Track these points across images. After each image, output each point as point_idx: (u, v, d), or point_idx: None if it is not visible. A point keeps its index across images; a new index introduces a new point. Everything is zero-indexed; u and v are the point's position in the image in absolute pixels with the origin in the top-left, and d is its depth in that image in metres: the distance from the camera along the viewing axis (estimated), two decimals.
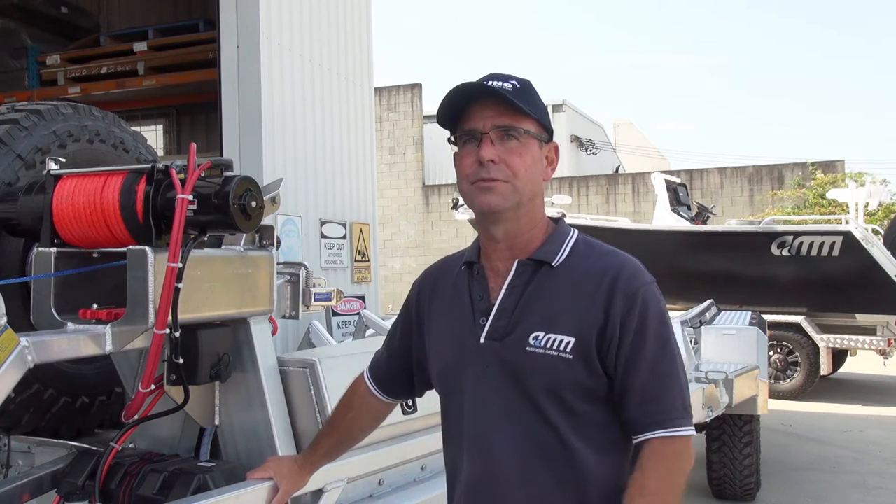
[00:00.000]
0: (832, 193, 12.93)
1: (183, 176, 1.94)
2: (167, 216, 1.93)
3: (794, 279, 9.47)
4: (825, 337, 9.61)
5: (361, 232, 4.71)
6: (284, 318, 2.47)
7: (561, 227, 1.68)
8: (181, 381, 2.06)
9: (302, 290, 2.46)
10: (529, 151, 1.60)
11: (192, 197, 1.91)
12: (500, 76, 1.61)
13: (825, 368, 9.71)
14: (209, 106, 4.77)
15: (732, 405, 5.04)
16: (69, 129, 2.41)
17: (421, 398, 2.07)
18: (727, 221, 11.97)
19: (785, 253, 9.47)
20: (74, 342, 1.90)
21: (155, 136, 6.73)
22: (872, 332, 9.54)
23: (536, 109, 1.60)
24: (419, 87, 20.59)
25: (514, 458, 1.58)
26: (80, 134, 2.43)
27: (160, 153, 5.81)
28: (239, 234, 2.19)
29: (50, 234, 2.05)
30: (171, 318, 1.92)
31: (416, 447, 2.63)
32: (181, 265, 1.90)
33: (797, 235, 9.47)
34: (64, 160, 2.14)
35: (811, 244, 9.32)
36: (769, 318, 7.82)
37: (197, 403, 2.21)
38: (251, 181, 2.04)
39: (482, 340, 1.62)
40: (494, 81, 1.58)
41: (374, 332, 3.79)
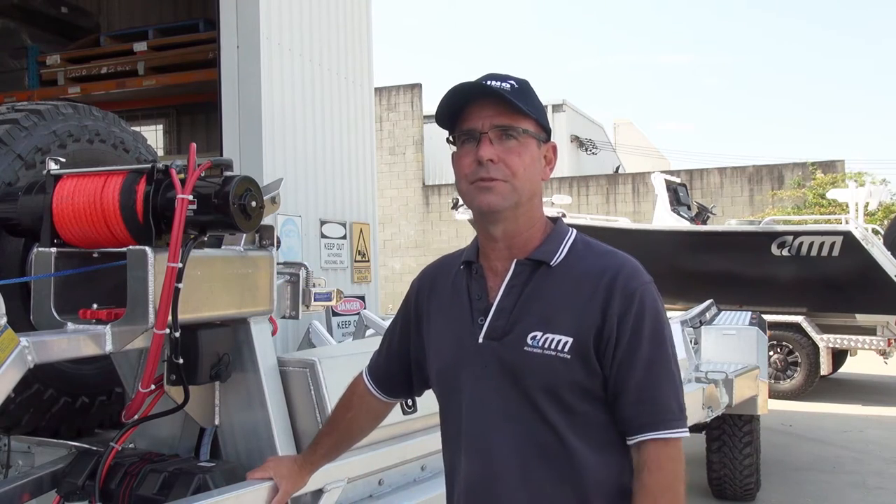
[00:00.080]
0: (832, 193, 12.93)
1: (183, 176, 1.94)
2: (167, 216, 1.93)
3: (794, 279, 9.48)
4: (825, 337, 9.61)
5: (361, 232, 4.71)
6: (284, 318, 2.47)
7: (559, 226, 1.68)
8: (181, 381, 2.06)
9: (302, 290, 2.46)
10: (528, 151, 1.60)
11: (192, 197, 1.91)
12: (498, 76, 1.60)
13: (825, 368, 9.71)
14: (209, 106, 4.77)
15: (732, 405, 5.03)
16: (69, 129, 2.41)
17: (421, 398, 2.07)
18: (727, 221, 11.96)
19: (785, 253, 9.47)
20: (74, 342, 1.90)
21: (155, 136, 6.73)
22: (872, 332, 9.54)
23: (535, 109, 1.60)
24: (419, 87, 20.60)
25: (513, 457, 1.58)
26: (80, 134, 2.43)
27: (160, 153, 5.80)
28: (239, 234, 2.18)
29: (50, 234, 2.05)
30: (171, 318, 1.91)
31: (416, 447, 2.63)
32: (181, 265, 1.90)
33: (797, 235, 9.47)
34: (64, 160, 2.14)
35: (811, 244, 9.32)
36: (769, 318, 7.82)
37: (197, 403, 2.21)
38: (251, 181, 2.04)
39: (480, 340, 1.62)
40: (493, 81, 1.58)
41: (374, 332, 3.78)
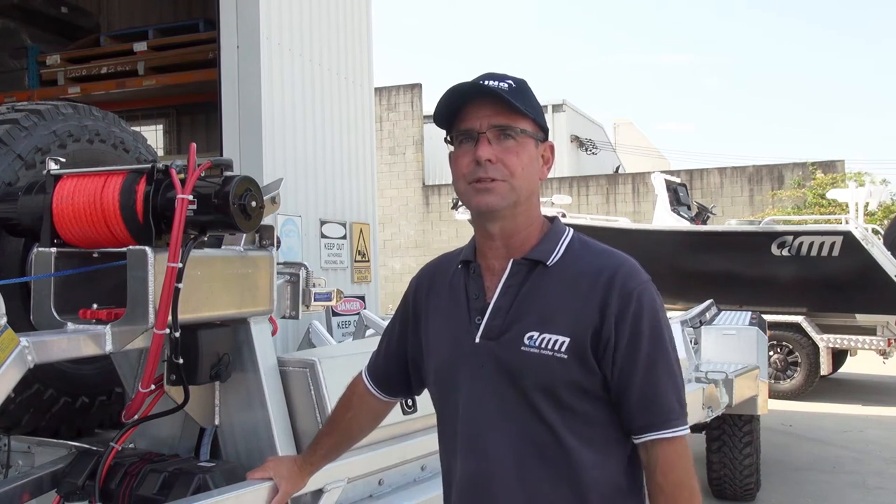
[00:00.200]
0: (832, 193, 12.92)
1: (183, 176, 1.94)
2: (167, 216, 1.93)
3: (794, 279, 9.48)
4: (825, 337, 9.61)
5: (361, 232, 4.71)
6: (284, 318, 2.47)
7: (556, 226, 1.68)
8: (181, 381, 2.06)
9: (302, 290, 2.46)
10: (526, 151, 1.59)
11: (192, 197, 1.91)
12: (495, 76, 1.60)
13: (825, 368, 9.71)
14: (209, 106, 4.77)
15: (732, 405, 5.03)
16: (69, 129, 2.41)
17: (421, 398, 2.06)
18: (727, 221, 11.96)
19: (785, 253, 9.47)
20: (74, 342, 1.90)
21: (155, 136, 6.74)
22: (872, 332, 9.54)
23: (532, 109, 1.60)
24: (419, 87, 20.59)
25: (510, 457, 1.58)
26: (80, 134, 2.43)
27: (160, 153, 5.81)
28: (239, 234, 2.18)
29: (50, 234, 2.05)
30: (171, 318, 1.91)
31: (416, 447, 2.63)
32: (181, 265, 1.90)
33: (797, 235, 9.47)
34: (64, 160, 2.14)
35: (811, 244, 9.32)
36: (769, 318, 7.82)
37: (197, 403, 2.21)
38: (251, 181, 2.04)
39: (477, 340, 1.62)
40: (490, 81, 1.58)
41: (374, 332, 3.78)
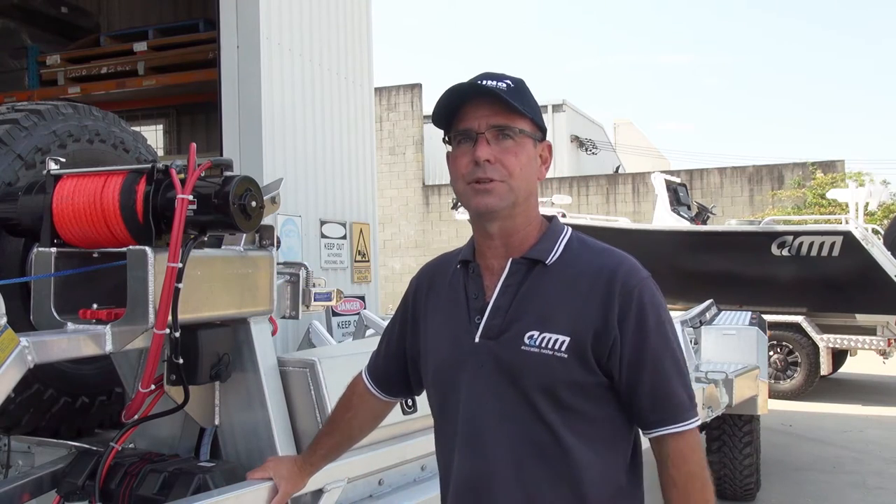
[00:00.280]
0: (832, 193, 12.91)
1: (183, 176, 1.94)
2: (167, 216, 1.93)
3: (794, 279, 9.47)
4: (825, 337, 9.61)
5: (361, 232, 4.71)
6: (284, 318, 2.47)
7: (554, 225, 1.68)
8: (181, 381, 2.06)
9: (302, 290, 2.46)
10: (525, 151, 1.59)
11: (192, 197, 1.91)
12: (493, 75, 1.60)
13: (825, 368, 9.71)
14: (209, 106, 4.77)
15: (732, 405, 5.03)
16: (69, 129, 2.41)
17: (420, 397, 2.06)
18: (727, 221, 11.96)
19: (785, 253, 9.47)
20: (74, 342, 1.90)
21: (155, 136, 6.74)
22: (872, 332, 9.54)
23: (530, 109, 1.60)
24: (419, 87, 20.59)
25: (509, 456, 1.58)
26: (80, 134, 2.43)
27: (160, 153, 5.81)
28: (239, 234, 2.18)
29: (50, 234, 2.05)
30: (171, 318, 1.91)
31: (416, 447, 2.63)
32: (181, 265, 1.90)
33: (797, 235, 9.47)
34: (64, 160, 2.14)
35: (811, 244, 9.32)
36: (769, 318, 7.82)
37: (197, 403, 2.21)
38: (251, 181, 2.04)
39: (477, 339, 1.62)
40: (488, 81, 1.58)
41: (374, 332, 3.78)
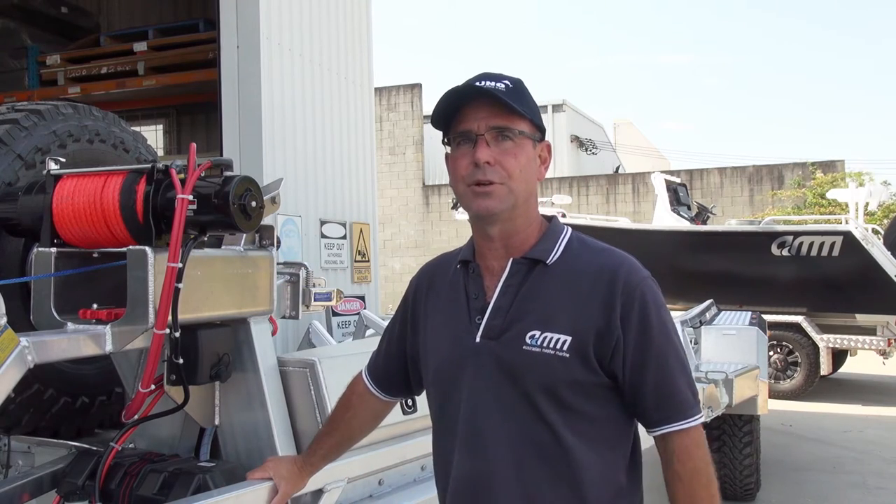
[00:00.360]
0: (832, 193, 12.91)
1: (183, 176, 1.94)
2: (167, 216, 1.93)
3: (794, 279, 9.47)
4: (825, 337, 9.61)
5: (361, 232, 4.71)
6: (284, 318, 2.47)
7: (554, 225, 1.68)
8: (181, 381, 2.06)
9: (302, 290, 2.46)
10: (524, 152, 1.59)
11: (192, 197, 1.91)
12: (492, 76, 1.60)
13: (825, 368, 9.71)
14: (209, 106, 4.77)
15: (732, 405, 5.03)
16: (69, 129, 2.41)
17: (420, 398, 2.06)
18: (727, 221, 11.95)
19: (785, 253, 9.47)
20: (74, 342, 1.90)
21: (155, 136, 6.73)
22: (872, 332, 9.54)
23: (529, 109, 1.59)
24: (419, 87, 20.59)
25: (509, 456, 1.58)
26: (80, 134, 2.43)
27: (160, 153, 5.81)
28: (239, 234, 2.19)
29: (50, 234, 2.05)
30: (171, 318, 1.91)
31: (416, 447, 2.63)
32: (181, 265, 1.90)
33: (797, 235, 9.47)
34: (64, 160, 2.14)
35: (811, 244, 9.32)
36: (769, 318, 7.81)
37: (197, 403, 2.21)
38: (251, 181, 2.04)
39: (478, 339, 1.62)
40: (487, 81, 1.57)
41: (374, 332, 3.78)
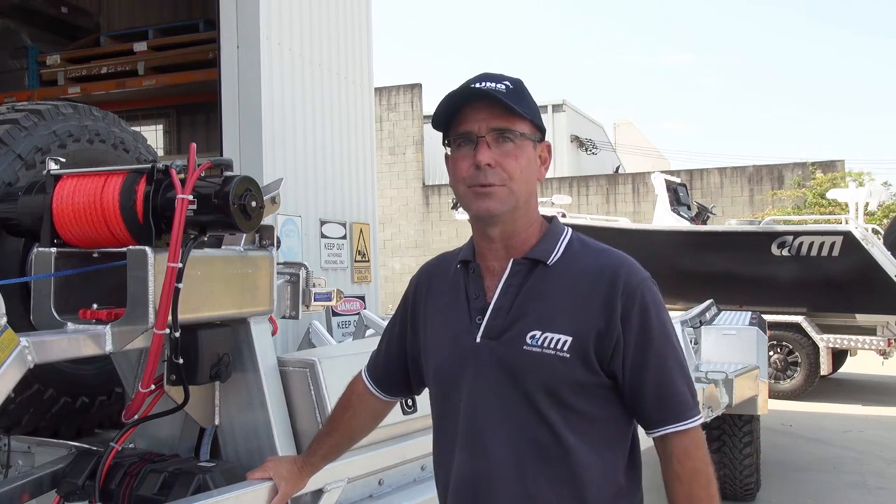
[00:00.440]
0: (832, 193, 12.92)
1: (183, 176, 1.94)
2: (167, 216, 1.93)
3: (794, 279, 9.47)
4: (825, 337, 9.61)
5: (361, 232, 4.71)
6: (284, 318, 2.47)
7: (555, 225, 1.68)
8: (181, 381, 2.06)
9: (302, 290, 2.46)
10: (525, 153, 1.59)
11: (192, 197, 1.91)
12: (492, 76, 1.60)
13: (825, 368, 9.71)
14: (209, 106, 4.77)
15: (732, 405, 5.03)
16: (69, 129, 2.41)
17: (420, 398, 2.06)
18: (727, 221, 11.95)
19: (785, 253, 9.47)
20: (74, 342, 1.90)
21: (155, 136, 6.73)
22: (872, 332, 9.54)
23: (529, 110, 1.59)
24: (419, 87, 20.59)
25: (509, 456, 1.58)
26: (80, 134, 2.43)
27: (160, 153, 5.81)
28: (239, 234, 2.19)
29: (50, 234, 2.05)
30: (171, 318, 1.91)
31: (416, 447, 2.63)
32: (181, 265, 1.90)
33: (797, 235, 9.47)
34: (64, 160, 2.14)
35: (811, 244, 9.32)
36: (769, 318, 7.81)
37: (197, 403, 2.21)
38: (251, 181, 2.04)
39: (478, 339, 1.62)
40: (487, 83, 1.57)
41: (374, 332, 3.78)
